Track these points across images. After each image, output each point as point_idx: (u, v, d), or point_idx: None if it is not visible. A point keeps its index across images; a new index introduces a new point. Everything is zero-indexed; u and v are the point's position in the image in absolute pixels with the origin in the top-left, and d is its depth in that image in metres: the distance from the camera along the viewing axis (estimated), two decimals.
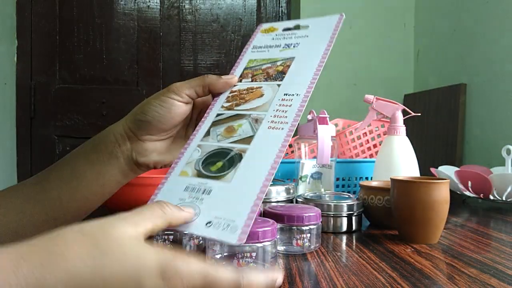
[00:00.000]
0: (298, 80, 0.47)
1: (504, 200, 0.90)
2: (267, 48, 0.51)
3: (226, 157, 0.41)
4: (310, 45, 0.50)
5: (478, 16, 1.54)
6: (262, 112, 0.44)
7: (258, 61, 0.50)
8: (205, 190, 0.39)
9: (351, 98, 1.90)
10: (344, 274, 0.47)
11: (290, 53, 0.50)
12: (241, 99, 0.46)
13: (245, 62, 0.51)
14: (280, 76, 0.48)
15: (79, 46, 1.95)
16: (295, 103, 0.45)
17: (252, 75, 0.49)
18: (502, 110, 1.41)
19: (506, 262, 0.52)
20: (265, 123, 0.43)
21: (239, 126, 0.43)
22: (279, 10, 2.09)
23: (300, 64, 0.48)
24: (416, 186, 0.61)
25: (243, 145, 0.42)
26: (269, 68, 0.49)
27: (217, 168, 0.40)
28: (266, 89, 0.47)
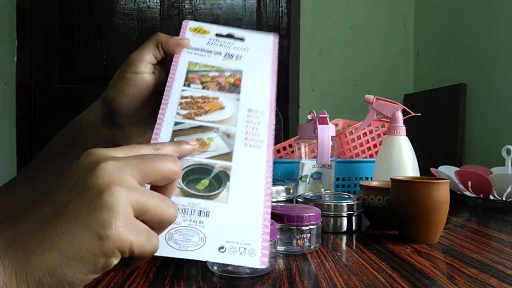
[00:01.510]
0: (257, 97, 0.46)
1: (504, 200, 0.90)
2: (206, 52, 0.48)
3: (210, 175, 0.38)
4: (254, 61, 0.49)
5: (478, 16, 1.54)
6: (230, 127, 0.42)
7: (201, 66, 0.47)
8: (201, 211, 0.36)
9: (351, 98, 1.90)
10: (344, 274, 0.47)
11: (235, 65, 0.48)
12: (199, 108, 0.43)
13: (185, 63, 0.47)
14: (234, 88, 0.46)
15: (79, 46, 1.95)
16: (263, 120, 0.44)
17: (200, 81, 0.46)
18: (502, 110, 1.41)
19: (506, 262, 0.52)
20: (239, 139, 0.42)
21: (210, 139, 0.41)
22: (279, 10, 2.09)
23: (252, 80, 0.47)
24: (416, 186, 0.61)
25: (224, 162, 0.40)
26: (218, 77, 0.46)
27: (205, 187, 0.38)
28: (224, 101, 0.44)
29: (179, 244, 0.34)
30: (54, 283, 0.27)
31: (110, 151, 0.31)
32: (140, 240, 0.29)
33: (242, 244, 0.35)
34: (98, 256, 0.27)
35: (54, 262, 0.27)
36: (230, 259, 0.35)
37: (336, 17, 1.98)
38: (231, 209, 0.37)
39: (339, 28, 1.99)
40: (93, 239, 0.27)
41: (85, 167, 0.29)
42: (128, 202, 0.28)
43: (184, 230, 0.35)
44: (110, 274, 0.46)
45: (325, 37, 1.98)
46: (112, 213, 0.27)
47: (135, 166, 0.30)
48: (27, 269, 0.26)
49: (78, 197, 0.28)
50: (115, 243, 0.27)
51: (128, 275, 0.46)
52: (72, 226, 0.27)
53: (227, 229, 0.36)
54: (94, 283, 0.43)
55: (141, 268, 0.48)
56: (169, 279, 0.44)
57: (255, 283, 0.44)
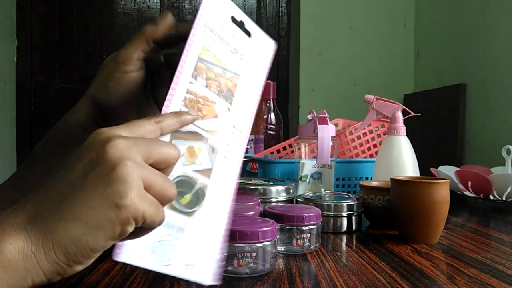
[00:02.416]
0: (243, 114, 0.45)
1: (504, 200, 0.90)
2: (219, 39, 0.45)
3: (192, 190, 0.39)
4: (252, 68, 0.47)
5: (478, 16, 1.54)
6: (217, 141, 0.42)
7: (211, 55, 0.44)
8: (179, 228, 0.38)
9: (351, 98, 1.90)
10: (344, 274, 0.47)
11: (237, 66, 0.46)
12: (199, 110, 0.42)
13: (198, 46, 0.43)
14: (229, 96, 0.45)
15: (79, 46, 1.95)
16: (240, 140, 0.44)
17: (206, 76, 0.43)
18: (502, 110, 1.41)
19: (506, 262, 0.52)
20: (219, 156, 0.42)
21: (199, 150, 0.41)
22: (279, 10, 2.09)
23: (243, 89, 0.46)
24: (416, 186, 0.61)
25: (204, 179, 0.40)
26: (221, 76, 0.45)
27: (187, 203, 0.39)
28: (219, 109, 0.44)
29: (159, 259, 0.36)
30: (79, 250, 0.30)
31: (116, 130, 0.33)
32: (151, 210, 0.31)
33: (202, 261, 0.38)
34: (116, 224, 0.30)
35: (77, 231, 0.29)
36: (191, 276, 0.37)
37: (336, 17, 1.98)
38: (201, 227, 0.39)
39: (339, 28, 1.99)
40: (111, 209, 0.30)
41: (96, 144, 0.31)
42: (139, 176, 0.31)
43: (165, 244, 0.37)
44: (110, 274, 0.46)
45: (325, 37, 1.98)
46: (126, 185, 0.30)
47: (142, 146, 0.32)
48: (53, 239, 0.29)
49: (93, 172, 0.30)
50: (130, 212, 0.30)
51: (128, 275, 0.46)
52: (91, 198, 0.30)
53: (194, 247, 0.38)
54: (94, 283, 0.43)
55: (141, 268, 0.48)
56: (169, 279, 0.44)
57: (255, 283, 0.44)
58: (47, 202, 0.30)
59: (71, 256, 0.29)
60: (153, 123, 0.35)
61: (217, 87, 0.44)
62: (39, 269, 0.29)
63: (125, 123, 0.35)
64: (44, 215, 0.30)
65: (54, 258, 0.29)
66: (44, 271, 0.29)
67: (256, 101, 0.47)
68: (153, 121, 0.36)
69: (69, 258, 0.29)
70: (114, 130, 0.33)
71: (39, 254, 0.29)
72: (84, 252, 0.30)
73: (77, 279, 0.44)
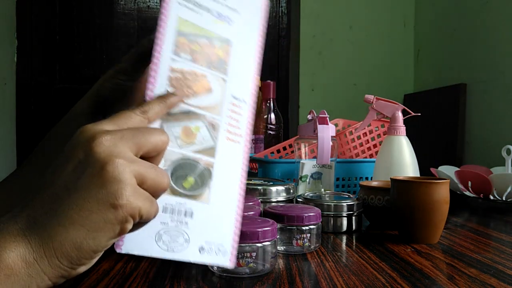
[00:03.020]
0: (242, 81, 0.42)
1: (504, 200, 0.90)
2: (198, 7, 0.41)
3: (195, 171, 0.38)
4: (243, 30, 0.43)
5: (478, 16, 1.54)
6: (216, 116, 0.40)
7: (190, 26, 0.41)
8: (186, 212, 0.37)
9: (351, 98, 1.90)
10: (344, 274, 0.47)
11: (225, 32, 0.42)
12: (188, 87, 0.39)
13: (174, 21, 0.40)
14: (221, 65, 0.41)
15: (79, 46, 1.95)
16: (245, 112, 0.41)
17: (190, 50, 0.40)
18: (502, 110, 1.41)
19: (506, 262, 0.52)
20: (222, 131, 0.40)
21: (197, 129, 0.39)
22: (279, 10, 2.09)
23: (238, 55, 0.42)
24: (416, 186, 0.61)
25: (208, 158, 0.38)
26: (208, 46, 0.41)
27: (190, 185, 0.37)
28: (212, 81, 0.41)
29: (167, 246, 0.35)
30: (81, 254, 0.30)
31: (102, 125, 0.32)
32: (146, 205, 0.31)
33: (217, 244, 0.37)
34: (115, 224, 0.30)
35: (78, 237, 0.29)
36: (207, 260, 0.36)
37: (336, 17, 1.98)
38: (211, 209, 0.37)
39: (339, 28, 1.99)
40: (108, 211, 0.30)
41: (82, 144, 0.31)
42: (131, 172, 0.31)
43: (172, 231, 0.36)
44: (110, 274, 0.46)
45: (325, 37, 1.98)
46: (120, 184, 0.30)
47: (130, 139, 0.32)
48: (54, 245, 0.29)
49: (84, 174, 0.30)
50: (127, 210, 0.30)
51: (128, 275, 0.46)
52: (87, 201, 0.29)
53: (207, 230, 0.37)
54: (94, 283, 0.43)
55: (141, 268, 0.48)
56: (169, 279, 0.44)
57: (255, 283, 0.44)
58: (43, 208, 0.30)
59: (74, 259, 0.30)
60: (139, 114, 0.35)
61: (205, 59, 0.41)
62: (43, 274, 0.29)
63: (110, 116, 0.34)
64: (42, 222, 0.29)
65: (58, 264, 0.29)
66: (49, 276, 0.29)
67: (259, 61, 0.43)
68: (139, 112, 0.35)
69: (72, 262, 0.30)
70: (98, 126, 0.32)
71: (41, 260, 0.29)
72: (87, 255, 0.30)
73: (77, 279, 0.44)
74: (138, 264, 0.49)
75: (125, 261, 0.50)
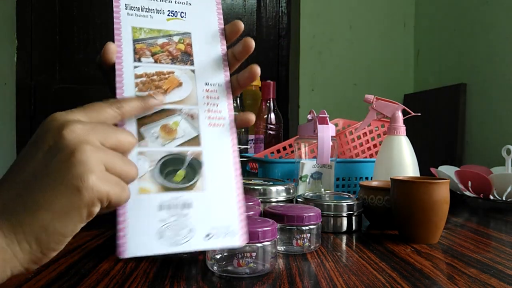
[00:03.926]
0: (210, 66, 0.43)
1: (504, 200, 0.90)
2: (148, 12, 0.43)
3: (184, 164, 0.38)
4: (199, 18, 0.45)
5: (478, 16, 1.54)
6: (192, 106, 0.41)
7: (146, 31, 0.42)
8: (184, 204, 0.37)
9: (351, 98, 1.90)
10: (344, 274, 0.47)
11: (182, 26, 0.44)
12: (157, 87, 0.40)
13: (128, 31, 0.42)
14: (186, 58, 0.43)
15: (79, 46, 1.95)
16: (221, 94, 0.42)
17: (151, 53, 0.42)
18: (502, 110, 1.41)
19: (506, 262, 0.52)
20: (203, 119, 0.40)
21: (176, 124, 0.40)
22: (279, 10, 2.09)
23: (201, 44, 0.44)
24: (416, 186, 0.61)
25: (194, 148, 0.39)
26: (168, 44, 0.43)
27: (182, 178, 0.38)
28: (181, 75, 0.42)
29: (170, 241, 0.35)
30: (50, 237, 0.30)
31: (73, 114, 0.33)
32: (116, 190, 0.32)
33: (223, 227, 0.37)
34: (81, 207, 0.30)
35: (45, 220, 0.30)
36: (215, 244, 0.37)
37: (336, 17, 1.98)
38: (209, 196, 0.38)
39: (339, 28, 1.99)
40: (73, 194, 0.30)
41: (53, 131, 0.32)
42: (99, 158, 0.31)
43: (173, 225, 0.36)
44: (110, 274, 0.46)
45: (325, 37, 1.98)
46: (86, 167, 0.30)
47: (100, 133, 0.33)
48: (24, 230, 0.30)
49: (53, 159, 0.31)
50: (94, 193, 0.30)
51: (128, 275, 0.46)
52: (53, 185, 0.30)
53: (210, 216, 0.37)
54: (94, 283, 0.43)
55: (141, 268, 0.48)
56: (169, 279, 0.44)
57: (255, 283, 0.44)
58: (11, 194, 0.31)
59: (43, 244, 0.30)
60: (114, 109, 0.36)
61: (168, 56, 0.42)
62: (15, 259, 0.30)
63: (83, 106, 0.35)
64: (11, 208, 0.30)
65: (28, 248, 0.30)
66: (20, 262, 0.30)
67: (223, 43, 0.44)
68: (115, 107, 0.36)
69: (42, 246, 0.30)
70: (70, 115, 0.33)
71: (13, 246, 0.30)
72: (56, 239, 0.30)
73: (77, 279, 0.44)
74: (138, 264, 0.49)
75: (125, 261, 0.50)
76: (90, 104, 0.35)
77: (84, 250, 0.54)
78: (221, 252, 0.46)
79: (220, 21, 0.45)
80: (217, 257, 0.46)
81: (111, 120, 0.35)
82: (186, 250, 0.36)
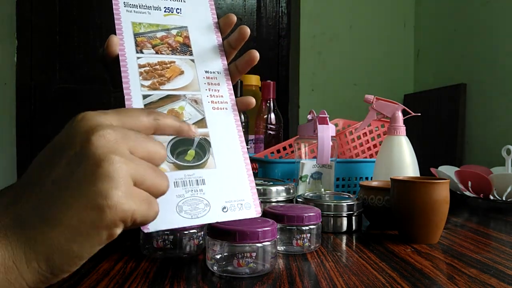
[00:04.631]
0: (208, 55, 0.47)
1: (504, 200, 0.90)
2: (146, 9, 0.47)
3: (193, 144, 0.41)
4: (194, 13, 0.49)
5: (478, 16, 1.54)
6: (195, 92, 0.44)
7: (146, 26, 0.46)
8: (198, 180, 0.39)
9: (351, 98, 1.90)
10: (344, 274, 0.47)
11: (178, 21, 0.48)
12: (160, 75, 0.43)
13: (129, 26, 0.46)
14: (185, 49, 0.46)
15: (79, 46, 1.95)
16: (221, 80, 0.46)
17: (151, 45, 0.45)
18: (502, 110, 1.41)
19: (506, 262, 0.52)
20: (206, 103, 0.44)
21: (182, 109, 0.42)
22: (279, 10, 2.09)
23: (197, 36, 0.48)
24: (416, 186, 0.61)
25: (202, 129, 0.42)
26: (167, 37, 0.46)
27: (192, 157, 0.40)
28: (181, 64, 0.45)
29: (190, 214, 0.37)
30: (63, 259, 0.27)
31: (105, 117, 0.30)
32: (142, 208, 0.29)
33: (238, 201, 0.40)
34: (101, 228, 0.27)
35: (60, 239, 0.27)
36: (232, 216, 0.39)
37: (336, 17, 1.98)
38: (221, 172, 0.41)
39: (339, 28, 1.99)
40: (94, 212, 0.27)
41: (81, 134, 0.28)
42: (128, 172, 0.28)
43: (190, 200, 0.38)
44: (110, 274, 0.46)
45: (325, 37, 1.98)
46: (112, 183, 0.27)
47: (131, 141, 0.30)
48: (36, 248, 0.27)
49: (78, 168, 0.27)
50: (117, 213, 0.27)
51: (128, 275, 0.46)
52: (75, 200, 0.27)
53: (223, 191, 0.40)
54: (94, 283, 0.43)
55: (141, 268, 0.48)
56: (169, 279, 0.44)
57: (255, 283, 0.44)
58: (31, 204, 0.28)
59: (55, 265, 0.27)
60: (151, 119, 0.33)
61: (168, 48, 0.46)
62: (21, 279, 0.27)
63: (116, 109, 0.32)
64: (28, 220, 0.27)
65: (37, 268, 0.27)
66: (27, 281, 0.27)
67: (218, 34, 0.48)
68: (152, 117, 0.33)
69: (53, 267, 0.27)
70: (102, 117, 0.30)
71: (21, 264, 0.27)
72: (70, 261, 0.28)
73: (77, 279, 0.44)
74: (138, 264, 0.49)
75: (125, 261, 0.50)
76: (126, 108, 0.33)
77: None
78: (221, 252, 0.46)
79: (214, 15, 0.50)
80: (217, 257, 0.46)
81: (145, 131, 0.32)
82: (206, 222, 0.38)
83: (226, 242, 0.45)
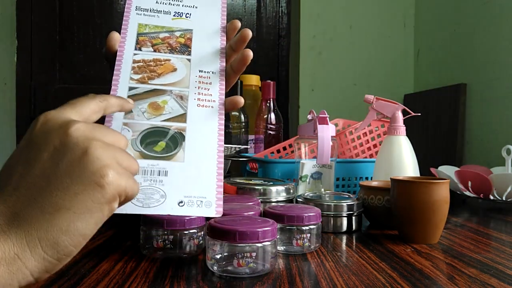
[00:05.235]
0: (207, 57, 0.47)
1: (504, 200, 0.90)
2: (156, 13, 0.49)
3: (166, 136, 0.41)
4: (203, 18, 0.50)
5: (478, 16, 1.54)
6: (183, 89, 0.45)
7: (151, 27, 0.48)
8: (160, 171, 0.40)
9: (351, 98, 1.90)
10: (344, 274, 0.47)
11: (185, 24, 0.49)
12: (152, 71, 0.45)
13: (134, 26, 0.47)
14: (185, 49, 0.47)
15: (79, 46, 1.95)
16: (214, 81, 0.46)
17: (151, 44, 0.47)
18: (502, 110, 1.41)
19: (506, 262, 0.52)
20: (192, 100, 0.44)
21: (164, 102, 0.43)
22: (279, 10, 2.09)
23: (201, 38, 0.48)
24: (416, 186, 0.61)
25: (179, 124, 0.42)
26: (169, 38, 0.48)
27: (162, 148, 0.41)
28: (176, 62, 0.46)
29: (142, 202, 0.38)
30: (70, 240, 0.29)
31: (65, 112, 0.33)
32: (130, 183, 0.32)
33: (199, 197, 0.40)
34: (103, 203, 0.30)
35: (66, 220, 0.29)
36: (189, 212, 0.39)
37: (336, 17, 1.98)
38: (187, 167, 0.41)
39: (339, 28, 1.99)
40: (95, 190, 0.30)
41: (56, 131, 0.31)
42: (110, 153, 0.32)
43: (146, 189, 0.39)
44: (110, 274, 0.46)
45: (325, 37, 1.98)
46: (104, 163, 0.30)
47: (99, 132, 0.33)
48: (39, 235, 0.29)
49: (64, 159, 0.30)
50: (115, 188, 0.31)
51: (128, 275, 0.46)
52: (70, 185, 0.30)
53: (185, 186, 0.40)
54: (94, 283, 0.43)
55: (141, 268, 0.48)
56: (169, 279, 0.44)
57: (255, 283, 0.44)
58: (24, 200, 0.29)
59: (61, 248, 0.29)
60: (98, 102, 0.36)
61: (167, 47, 0.47)
62: (25, 269, 0.28)
63: (67, 103, 0.35)
64: (25, 214, 0.29)
65: (42, 254, 0.28)
66: (31, 271, 0.28)
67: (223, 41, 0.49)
68: (98, 100, 0.37)
69: (59, 250, 0.29)
70: (65, 113, 0.33)
71: (24, 254, 0.28)
72: (75, 240, 0.29)
73: (77, 279, 0.44)
74: (138, 264, 0.49)
75: (125, 261, 0.50)
76: (75, 100, 0.36)
77: (84, 250, 0.54)
78: (221, 252, 0.46)
79: (223, 20, 0.50)
80: (217, 257, 0.46)
81: (96, 113, 0.36)
82: (156, 213, 0.38)
83: (226, 242, 0.45)
